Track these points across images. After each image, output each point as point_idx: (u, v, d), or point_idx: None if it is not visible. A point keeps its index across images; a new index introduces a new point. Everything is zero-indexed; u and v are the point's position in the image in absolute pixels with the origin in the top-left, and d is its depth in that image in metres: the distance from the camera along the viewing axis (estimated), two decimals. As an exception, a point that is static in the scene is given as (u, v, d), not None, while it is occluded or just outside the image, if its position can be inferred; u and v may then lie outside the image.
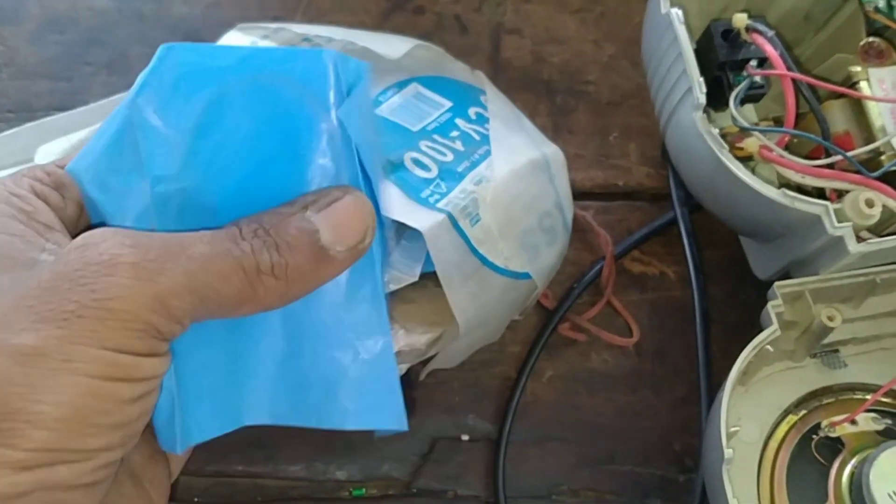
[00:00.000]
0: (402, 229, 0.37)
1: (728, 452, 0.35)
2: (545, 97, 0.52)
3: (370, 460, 0.43)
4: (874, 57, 0.42)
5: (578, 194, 0.45)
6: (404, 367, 0.37)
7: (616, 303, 0.47)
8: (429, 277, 0.37)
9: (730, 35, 0.39)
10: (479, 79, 0.44)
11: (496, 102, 0.43)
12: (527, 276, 0.39)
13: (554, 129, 0.51)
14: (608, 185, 0.50)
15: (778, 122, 0.42)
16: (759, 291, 0.40)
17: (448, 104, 0.42)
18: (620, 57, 0.53)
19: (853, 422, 0.39)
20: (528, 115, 0.43)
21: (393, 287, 0.37)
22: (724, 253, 0.48)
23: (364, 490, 0.43)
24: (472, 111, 0.42)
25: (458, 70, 0.44)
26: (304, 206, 0.25)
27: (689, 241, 0.47)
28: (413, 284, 0.37)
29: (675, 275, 0.48)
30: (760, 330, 0.38)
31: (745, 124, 0.37)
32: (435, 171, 0.38)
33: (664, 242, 0.49)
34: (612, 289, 0.47)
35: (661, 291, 0.48)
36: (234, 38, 0.41)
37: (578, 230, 0.47)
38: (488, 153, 0.39)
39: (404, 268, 0.37)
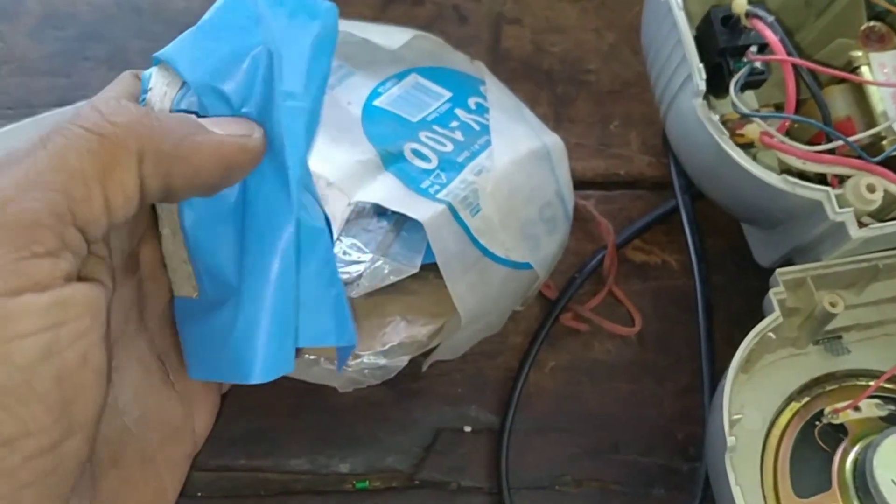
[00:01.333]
0: (402, 220, 0.37)
1: (731, 440, 0.35)
2: (546, 87, 0.52)
3: (373, 452, 0.43)
4: (875, 42, 0.42)
5: (579, 184, 0.45)
6: (406, 359, 0.37)
7: (618, 292, 0.47)
8: (430, 269, 0.36)
9: (730, 21, 0.39)
10: (479, 69, 0.44)
11: (496, 92, 0.43)
12: (528, 266, 0.39)
13: (555, 119, 0.51)
14: (609, 175, 0.50)
15: (779, 108, 0.42)
16: (762, 279, 0.39)
17: (447, 94, 0.42)
18: (621, 45, 0.53)
19: (856, 408, 0.39)
20: (529, 105, 0.43)
21: (394, 279, 0.37)
22: (726, 241, 0.48)
23: (367, 482, 0.43)
24: (471, 101, 0.42)
25: (458, 60, 0.44)
26: None
27: (690, 230, 0.47)
28: (414, 276, 0.37)
29: (677, 263, 0.48)
30: (763, 317, 0.38)
31: (746, 110, 0.37)
32: (435, 162, 0.38)
33: (666, 231, 0.49)
34: (613, 278, 0.47)
35: (663, 280, 0.48)
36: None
37: (580, 220, 0.46)
38: (488, 143, 0.39)
39: (405, 259, 0.37)
